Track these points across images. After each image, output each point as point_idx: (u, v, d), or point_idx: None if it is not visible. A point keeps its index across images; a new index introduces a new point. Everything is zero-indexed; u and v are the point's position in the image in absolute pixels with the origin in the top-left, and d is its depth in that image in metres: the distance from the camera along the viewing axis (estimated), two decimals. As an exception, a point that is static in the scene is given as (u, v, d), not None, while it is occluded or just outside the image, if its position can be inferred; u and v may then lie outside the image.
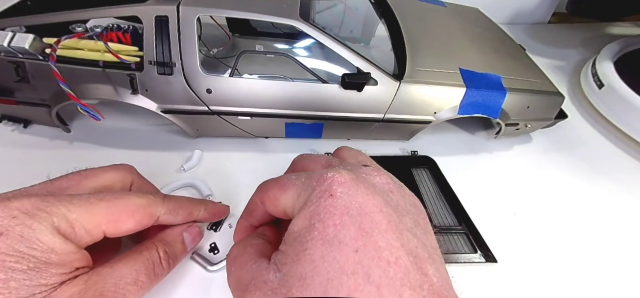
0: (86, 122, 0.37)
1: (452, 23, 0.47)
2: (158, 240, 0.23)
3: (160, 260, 0.23)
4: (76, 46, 0.29)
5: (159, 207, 0.23)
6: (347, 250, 0.16)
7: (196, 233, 0.26)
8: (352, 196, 0.17)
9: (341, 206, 0.17)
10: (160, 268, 0.22)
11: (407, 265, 0.16)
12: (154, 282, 0.22)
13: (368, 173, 0.20)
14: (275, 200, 0.20)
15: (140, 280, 0.21)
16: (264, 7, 0.31)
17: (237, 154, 0.37)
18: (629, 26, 0.73)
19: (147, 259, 0.22)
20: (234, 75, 0.32)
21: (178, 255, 0.24)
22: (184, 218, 0.25)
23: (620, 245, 0.33)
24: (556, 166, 0.41)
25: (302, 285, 0.16)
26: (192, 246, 0.26)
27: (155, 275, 0.22)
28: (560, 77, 0.57)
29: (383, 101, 0.34)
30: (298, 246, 0.17)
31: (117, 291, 0.20)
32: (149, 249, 0.22)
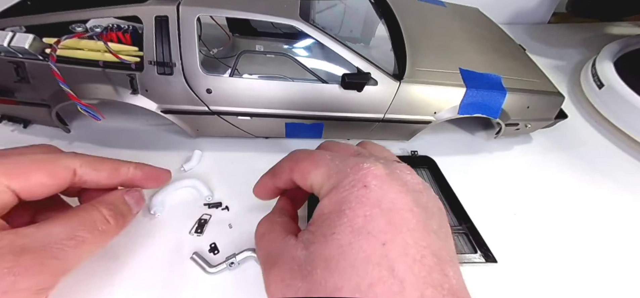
0: (86, 122, 0.37)
1: (452, 23, 0.47)
2: (97, 201, 0.23)
3: (104, 217, 0.22)
4: (76, 46, 0.29)
5: (72, 159, 0.23)
6: (375, 242, 0.16)
7: (138, 197, 0.26)
8: (385, 191, 0.18)
9: (373, 199, 0.17)
10: (106, 223, 0.22)
11: (431, 264, 0.16)
12: (99, 238, 0.22)
13: (401, 170, 0.20)
14: (305, 173, 0.21)
15: (80, 236, 0.20)
16: (264, 7, 0.31)
17: (237, 154, 0.37)
18: (629, 26, 0.73)
19: (85, 217, 0.22)
20: (234, 75, 0.32)
21: (125, 215, 0.24)
22: (110, 174, 0.24)
23: (620, 245, 0.33)
24: (556, 166, 0.41)
25: (326, 266, 0.16)
26: (136, 209, 0.26)
27: (100, 231, 0.22)
28: (560, 77, 0.57)
29: (383, 101, 0.34)
30: (326, 229, 0.17)
31: (49, 246, 0.19)
32: (86, 209, 0.22)
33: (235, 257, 0.27)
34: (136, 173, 0.26)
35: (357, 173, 0.18)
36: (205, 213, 0.31)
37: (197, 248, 0.28)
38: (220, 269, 0.27)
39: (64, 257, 0.19)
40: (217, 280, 0.27)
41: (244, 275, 0.27)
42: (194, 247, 0.28)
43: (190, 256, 0.28)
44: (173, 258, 0.28)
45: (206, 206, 0.31)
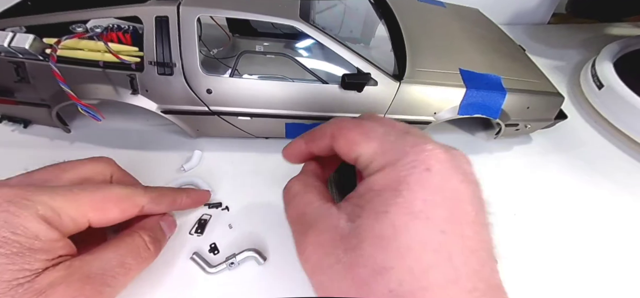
0: (86, 122, 0.37)
1: (452, 23, 0.47)
2: (139, 227, 0.24)
3: (145, 244, 0.23)
4: (76, 46, 0.29)
5: (142, 197, 0.24)
6: (434, 229, 0.16)
7: (171, 222, 0.27)
8: (448, 179, 0.17)
9: (435, 184, 0.17)
10: (147, 251, 0.23)
11: (484, 259, 0.16)
12: (141, 265, 0.23)
13: (460, 158, 0.19)
14: (352, 143, 0.19)
15: (127, 263, 0.21)
16: (264, 8, 0.31)
17: (237, 155, 0.37)
18: (629, 27, 0.73)
19: (130, 244, 0.22)
20: (234, 75, 0.32)
21: (161, 241, 0.25)
22: (168, 205, 0.26)
23: (620, 245, 0.33)
24: (556, 166, 0.41)
25: (377, 244, 0.16)
26: (170, 233, 0.27)
27: (142, 258, 0.23)
28: (560, 77, 0.57)
29: (383, 102, 0.34)
30: (377, 205, 0.17)
31: (105, 274, 0.20)
32: (131, 235, 0.23)
33: (235, 257, 0.27)
34: (187, 202, 0.28)
35: (419, 154, 0.17)
36: (205, 213, 0.31)
37: (197, 248, 0.28)
38: (220, 269, 0.27)
39: (115, 284, 0.21)
40: (217, 280, 0.27)
41: (244, 275, 0.27)
42: (194, 247, 0.28)
43: (190, 257, 0.28)
44: (173, 258, 0.28)
45: (206, 206, 0.31)
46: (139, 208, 0.24)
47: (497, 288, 0.16)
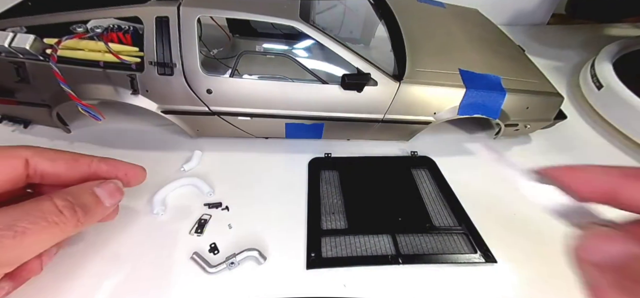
0: (86, 122, 0.37)
1: (451, 24, 0.47)
2: (55, 192, 0.22)
3: (56, 208, 0.21)
4: (77, 47, 0.29)
5: (23, 149, 0.22)
6: None
7: (113, 189, 0.24)
8: None
9: None
10: (59, 215, 0.21)
11: None
12: (49, 230, 0.20)
13: None
14: None
15: (21, 226, 0.19)
16: (264, 8, 0.31)
17: (237, 155, 0.37)
18: (628, 28, 0.74)
19: (31, 207, 0.20)
20: (234, 76, 0.32)
21: (90, 207, 0.22)
22: (67, 164, 0.23)
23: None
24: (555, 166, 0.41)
25: None
26: (111, 201, 0.24)
27: (49, 222, 0.20)
28: (560, 78, 0.57)
29: (383, 102, 0.34)
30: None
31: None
32: (37, 199, 0.21)
33: (235, 257, 0.27)
34: (100, 166, 0.25)
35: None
36: (205, 213, 0.31)
37: (197, 248, 0.28)
38: (220, 269, 0.27)
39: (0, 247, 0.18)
40: (217, 280, 0.27)
41: (244, 275, 0.27)
42: (194, 247, 0.28)
43: (190, 256, 0.28)
44: (173, 258, 0.28)
45: (206, 206, 0.31)
46: (20, 159, 0.22)
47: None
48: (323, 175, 0.35)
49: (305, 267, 0.28)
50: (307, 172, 0.36)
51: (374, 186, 0.35)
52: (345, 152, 0.38)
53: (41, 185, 0.24)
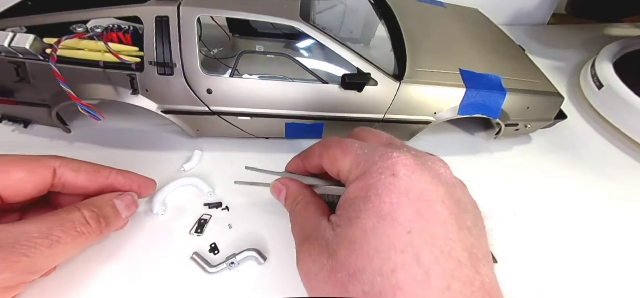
0: (86, 122, 0.37)
1: (452, 24, 0.47)
2: (81, 203, 0.23)
3: (84, 218, 0.22)
4: (77, 46, 0.29)
5: (52, 158, 0.23)
6: (400, 229, 0.16)
7: (129, 201, 0.26)
8: (415, 181, 0.18)
9: (401, 187, 0.17)
10: (86, 226, 0.22)
11: (460, 259, 0.16)
12: (77, 240, 0.21)
13: (434, 162, 0.20)
14: (333, 159, 0.22)
15: (54, 235, 0.20)
16: (264, 8, 0.31)
17: (238, 155, 0.37)
18: (628, 27, 0.74)
19: (63, 216, 0.21)
20: (234, 75, 0.32)
21: (110, 218, 0.24)
22: (88, 175, 0.25)
23: (620, 245, 0.33)
24: (556, 166, 0.41)
25: (350, 248, 0.17)
26: (127, 213, 0.25)
27: (78, 232, 0.21)
28: (560, 77, 0.57)
29: (383, 102, 0.34)
30: (351, 212, 0.18)
31: (18, 243, 0.19)
32: (67, 209, 0.22)
33: (235, 257, 0.27)
34: (117, 178, 0.26)
35: (385, 161, 0.19)
36: (205, 213, 0.31)
37: (197, 248, 0.28)
38: (220, 269, 0.27)
39: (34, 255, 0.19)
40: (217, 280, 0.27)
41: (244, 275, 0.27)
42: (194, 247, 0.28)
43: (190, 256, 0.28)
44: (173, 258, 0.28)
45: (206, 206, 0.31)
46: (49, 169, 0.23)
47: (481, 288, 0.16)
48: (323, 175, 0.35)
49: (305, 267, 0.28)
50: (307, 172, 0.36)
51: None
52: (345, 152, 0.38)
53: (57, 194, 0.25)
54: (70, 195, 0.25)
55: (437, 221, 0.17)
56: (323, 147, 0.23)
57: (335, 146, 0.22)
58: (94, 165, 0.25)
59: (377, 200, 0.17)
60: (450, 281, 0.15)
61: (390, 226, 0.17)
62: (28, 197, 0.23)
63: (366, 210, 0.17)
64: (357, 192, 0.19)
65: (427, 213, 0.17)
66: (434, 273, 0.15)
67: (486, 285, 0.16)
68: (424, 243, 0.16)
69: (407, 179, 0.18)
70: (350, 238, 0.17)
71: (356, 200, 0.18)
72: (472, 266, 0.16)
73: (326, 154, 0.22)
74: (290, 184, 0.25)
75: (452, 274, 0.15)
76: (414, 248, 0.16)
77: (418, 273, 0.15)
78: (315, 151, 0.24)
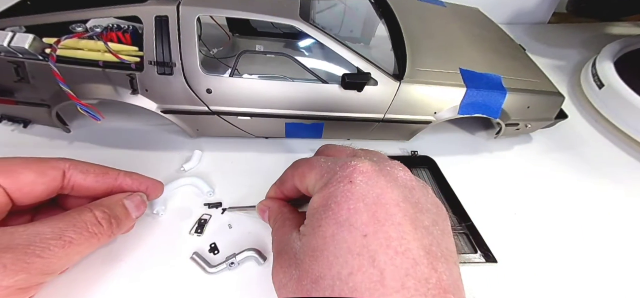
0: (86, 122, 0.37)
1: (452, 23, 0.47)
2: (93, 203, 0.23)
3: (96, 219, 0.22)
4: (76, 46, 0.29)
5: (62, 160, 0.23)
6: (356, 233, 0.17)
7: (139, 202, 0.26)
8: (371, 186, 0.19)
9: (358, 193, 0.18)
10: (97, 226, 0.22)
11: (416, 258, 0.16)
12: (90, 240, 0.22)
13: (393, 166, 0.21)
14: (302, 176, 0.23)
15: (67, 236, 0.20)
16: (264, 7, 0.31)
17: (237, 154, 0.37)
18: (629, 26, 0.73)
19: (75, 217, 0.21)
20: (234, 75, 0.32)
21: (121, 219, 0.24)
22: (97, 177, 0.25)
23: (620, 245, 0.33)
24: (556, 166, 0.41)
25: (313, 256, 0.18)
26: (137, 213, 0.26)
27: (90, 232, 0.21)
28: (561, 77, 0.57)
29: (383, 101, 0.34)
30: (314, 222, 0.19)
31: (32, 245, 0.19)
32: (78, 210, 0.22)
33: (235, 257, 0.27)
34: (125, 180, 0.26)
35: (344, 170, 0.20)
36: (205, 213, 0.31)
37: (197, 248, 0.28)
38: (220, 269, 0.27)
39: (49, 257, 0.19)
40: (217, 280, 0.27)
41: (244, 275, 0.27)
42: (194, 247, 0.28)
43: (190, 256, 0.28)
44: (173, 258, 0.28)
45: (206, 206, 0.31)
46: (59, 171, 0.23)
47: (437, 285, 0.16)
48: (323, 175, 0.35)
49: (305, 267, 0.28)
50: (307, 172, 0.36)
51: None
52: (345, 151, 0.38)
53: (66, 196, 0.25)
54: (78, 197, 0.25)
55: (392, 223, 0.17)
56: (293, 168, 0.24)
57: (303, 164, 0.23)
58: (102, 167, 0.26)
59: (336, 207, 0.18)
60: (404, 280, 0.16)
61: (347, 232, 0.17)
62: (38, 199, 0.23)
63: (326, 218, 0.18)
64: (319, 202, 0.19)
65: (382, 216, 0.17)
66: (388, 273, 0.16)
67: (443, 282, 0.16)
68: (379, 245, 0.17)
69: (364, 185, 0.18)
70: (313, 246, 0.18)
71: (318, 209, 0.19)
72: (428, 264, 0.17)
73: (296, 174, 0.23)
74: (271, 204, 0.26)
75: (407, 272, 0.16)
76: (369, 251, 0.16)
77: (373, 274, 0.16)
78: (288, 174, 0.25)
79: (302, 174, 0.23)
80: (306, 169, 0.23)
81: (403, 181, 0.20)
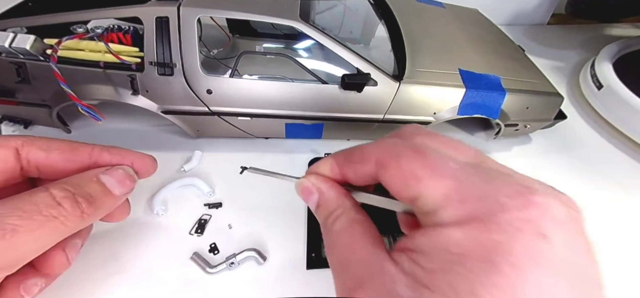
0: (87, 122, 0.37)
1: (451, 24, 0.47)
2: (53, 183, 0.19)
3: (54, 199, 0.18)
4: (77, 47, 0.29)
5: (13, 138, 0.20)
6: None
7: (121, 176, 0.21)
8: (575, 252, 0.12)
9: (556, 261, 0.11)
10: (56, 208, 0.18)
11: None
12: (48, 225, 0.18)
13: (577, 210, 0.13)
14: (410, 177, 0.14)
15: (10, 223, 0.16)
16: (264, 8, 0.31)
17: (237, 155, 0.37)
18: (628, 27, 0.74)
19: (23, 200, 0.18)
20: (234, 76, 0.32)
21: (95, 197, 0.20)
22: (64, 154, 0.21)
23: (620, 245, 0.33)
24: (555, 166, 0.41)
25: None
26: (121, 189, 0.21)
27: (45, 216, 0.18)
28: (560, 78, 0.57)
29: (383, 102, 0.34)
30: (458, 280, 0.12)
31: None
32: (31, 192, 0.18)
33: (235, 257, 0.27)
34: (102, 155, 0.21)
35: (525, 209, 0.12)
36: (205, 213, 0.31)
37: (197, 248, 0.28)
38: (220, 269, 0.27)
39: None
40: (217, 280, 0.27)
41: (244, 275, 0.27)
42: (194, 247, 0.28)
43: (190, 257, 0.28)
44: (173, 258, 0.28)
45: (206, 207, 0.31)
46: (10, 149, 0.19)
47: None
48: (323, 175, 0.35)
49: (306, 267, 0.28)
50: (307, 172, 0.36)
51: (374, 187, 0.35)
52: (345, 152, 0.38)
53: (42, 180, 0.22)
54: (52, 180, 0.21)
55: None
56: (387, 154, 0.15)
57: (413, 157, 0.14)
58: (70, 142, 0.21)
59: (514, 274, 0.11)
60: None
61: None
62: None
63: (493, 286, 0.11)
64: (468, 247, 0.12)
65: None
66: None
67: None
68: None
69: (565, 249, 0.12)
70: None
71: (468, 261, 0.12)
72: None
73: (395, 167, 0.15)
74: (326, 189, 0.18)
75: None
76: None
77: None
78: (370, 155, 0.16)
79: (413, 176, 0.14)
80: (422, 171, 0.14)
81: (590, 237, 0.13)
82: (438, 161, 0.14)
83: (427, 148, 0.15)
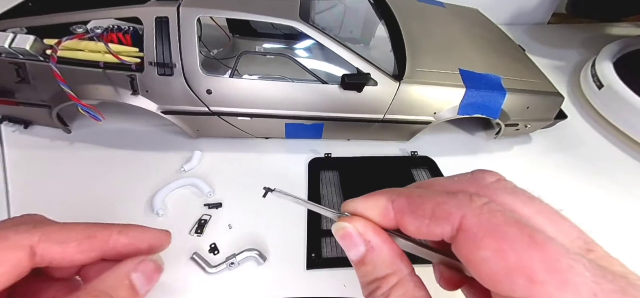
0: (86, 123, 0.37)
1: (451, 24, 0.47)
2: (84, 289, 0.17)
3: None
4: (77, 47, 0.29)
5: (29, 233, 0.17)
6: None
7: (151, 270, 0.19)
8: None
9: None
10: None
11: None
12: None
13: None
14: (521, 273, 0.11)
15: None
16: (264, 8, 0.31)
17: (237, 155, 0.37)
18: (628, 27, 0.74)
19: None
20: (234, 76, 0.32)
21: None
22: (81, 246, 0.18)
23: (619, 244, 0.33)
24: (556, 166, 0.41)
25: None
26: (147, 288, 0.19)
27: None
28: (560, 77, 0.57)
29: (383, 102, 0.34)
30: None
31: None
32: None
33: (235, 257, 0.27)
34: (119, 240, 0.19)
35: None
36: (205, 213, 0.31)
37: (197, 248, 0.28)
38: (220, 269, 0.27)
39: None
40: (217, 280, 0.27)
41: (244, 275, 0.27)
42: (194, 247, 0.28)
43: (190, 257, 0.28)
44: (173, 258, 0.28)
45: (206, 207, 0.31)
46: (24, 250, 0.16)
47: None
48: (323, 175, 0.35)
49: (305, 267, 0.28)
50: (307, 172, 0.36)
51: (374, 187, 0.35)
52: (345, 152, 0.38)
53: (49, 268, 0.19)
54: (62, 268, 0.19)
55: None
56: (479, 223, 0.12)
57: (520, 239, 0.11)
58: (87, 228, 0.19)
59: None
60: None
61: None
62: None
63: None
64: None
65: None
66: None
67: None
68: None
69: None
70: None
71: None
72: None
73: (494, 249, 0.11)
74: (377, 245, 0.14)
75: None
76: None
77: None
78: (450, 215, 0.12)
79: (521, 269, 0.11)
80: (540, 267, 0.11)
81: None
82: (563, 261, 0.10)
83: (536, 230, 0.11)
